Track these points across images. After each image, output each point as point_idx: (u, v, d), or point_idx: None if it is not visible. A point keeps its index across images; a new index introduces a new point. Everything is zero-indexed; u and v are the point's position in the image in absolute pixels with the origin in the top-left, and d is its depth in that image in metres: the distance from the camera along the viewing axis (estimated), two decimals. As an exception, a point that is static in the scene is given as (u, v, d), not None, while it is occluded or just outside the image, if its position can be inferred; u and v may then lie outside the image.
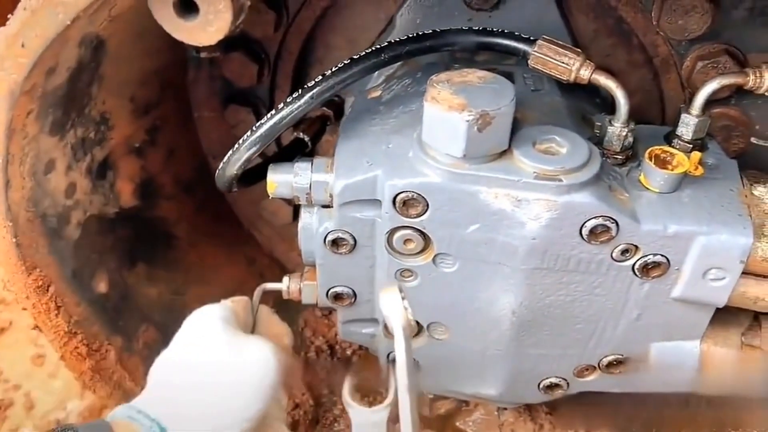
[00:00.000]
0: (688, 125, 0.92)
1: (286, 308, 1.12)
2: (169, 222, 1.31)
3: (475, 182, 0.82)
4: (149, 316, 1.22)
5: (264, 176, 0.97)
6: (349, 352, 1.50)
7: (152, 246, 1.26)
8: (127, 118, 1.11)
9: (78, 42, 0.79)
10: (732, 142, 1.08)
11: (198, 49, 0.81)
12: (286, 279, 1.08)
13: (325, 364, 1.50)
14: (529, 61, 0.89)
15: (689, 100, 0.93)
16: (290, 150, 1.05)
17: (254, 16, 1.10)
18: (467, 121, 0.77)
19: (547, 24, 1.08)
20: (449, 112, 0.78)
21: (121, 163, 1.14)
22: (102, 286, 1.12)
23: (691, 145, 0.93)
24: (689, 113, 0.92)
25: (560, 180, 0.80)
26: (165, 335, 1.24)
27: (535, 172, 0.81)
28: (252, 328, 1.01)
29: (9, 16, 0.71)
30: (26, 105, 0.77)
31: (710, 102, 0.93)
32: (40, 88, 0.78)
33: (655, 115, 1.14)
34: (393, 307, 0.75)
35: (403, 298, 0.76)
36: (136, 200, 1.21)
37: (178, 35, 0.70)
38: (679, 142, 0.93)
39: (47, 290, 0.99)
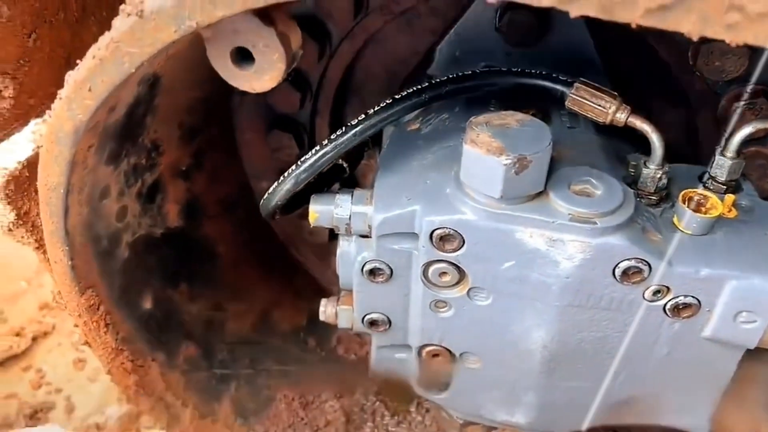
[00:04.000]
0: (722, 167, 0.93)
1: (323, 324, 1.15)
2: (211, 240, 1.36)
3: (511, 222, 0.85)
4: (190, 332, 1.27)
5: (305, 202, 1.01)
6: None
7: (195, 264, 1.31)
8: (176, 144, 1.16)
9: (137, 82, 0.84)
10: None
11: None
12: (323, 302, 1.12)
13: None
14: (566, 103, 0.92)
15: (724, 142, 0.95)
16: (329, 175, 1.09)
17: (299, 48, 1.15)
18: (505, 164, 0.80)
19: (584, 61, 1.10)
20: (488, 155, 0.81)
21: (169, 186, 1.19)
22: (147, 304, 1.17)
23: (725, 186, 0.94)
24: (724, 155, 0.93)
25: (594, 222, 0.82)
26: (204, 351, 1.29)
27: (570, 214, 0.83)
28: None
29: (78, 62, 0.76)
30: (88, 141, 0.82)
31: (746, 141, 0.94)
32: (101, 125, 0.83)
33: (689, 153, 1.15)
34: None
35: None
36: (181, 220, 1.26)
37: (234, 82, 0.75)
38: (713, 182, 0.94)
39: (98, 309, 1.04)
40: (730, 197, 0.91)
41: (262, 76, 0.73)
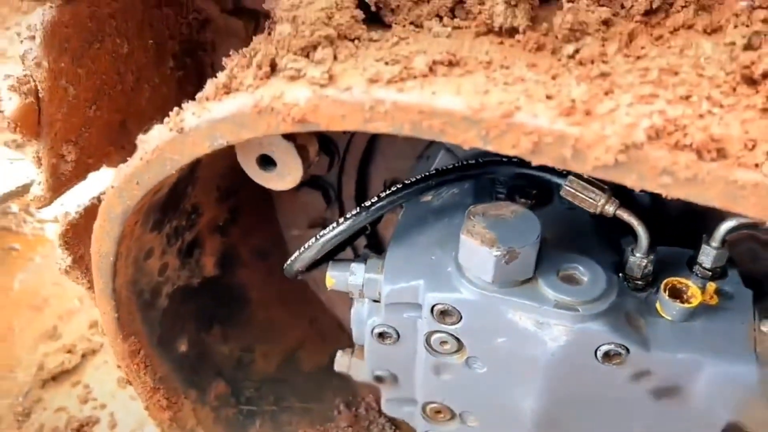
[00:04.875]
0: (708, 256, 1.00)
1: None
2: (244, 286, 1.49)
3: (503, 304, 0.94)
4: (221, 371, 1.39)
5: (325, 261, 1.13)
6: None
7: (228, 308, 1.44)
8: (213, 205, 1.29)
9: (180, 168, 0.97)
10: (759, 263, 1.15)
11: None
12: (340, 353, 1.23)
13: (374, 420, 1.64)
14: (561, 192, 1.00)
15: (710, 232, 1.02)
16: (356, 234, 1.20)
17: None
18: (495, 255, 0.89)
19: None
20: (481, 246, 0.90)
21: (206, 241, 1.32)
22: (183, 347, 1.30)
23: (710, 272, 1.01)
24: (709, 245, 1.00)
25: (577, 310, 0.91)
26: (233, 389, 1.42)
27: (555, 301, 0.92)
28: None
29: (128, 158, 0.89)
30: (134, 218, 0.95)
31: (732, 230, 1.00)
32: (146, 205, 0.96)
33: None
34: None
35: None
36: (217, 270, 1.39)
37: (259, 182, 0.87)
38: (700, 268, 1.01)
39: (138, 353, 1.17)
40: (711, 285, 0.98)
41: (283, 179, 0.84)
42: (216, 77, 0.82)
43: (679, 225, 1.13)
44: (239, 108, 0.73)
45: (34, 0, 0.95)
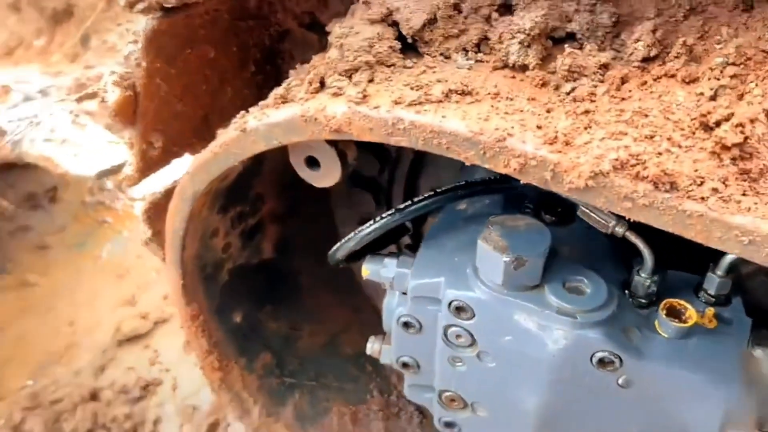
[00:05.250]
0: (712, 283, 1.07)
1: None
2: (296, 271, 1.65)
3: (510, 305, 1.05)
4: (269, 344, 1.56)
5: (368, 253, 1.27)
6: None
7: (280, 289, 1.61)
8: (275, 196, 1.46)
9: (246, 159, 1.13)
10: (770, 295, 1.20)
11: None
12: (372, 339, 1.37)
13: (404, 408, 1.77)
14: (577, 212, 1.10)
15: (716, 261, 1.09)
16: (394, 233, 1.34)
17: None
18: (505, 261, 1.01)
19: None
20: (494, 251, 1.02)
21: (267, 227, 1.49)
22: (237, 318, 1.47)
23: (714, 299, 1.08)
24: (714, 273, 1.07)
25: (575, 317, 1.01)
26: (278, 361, 1.58)
27: (558, 307, 1.02)
28: None
29: (201, 149, 1.06)
30: (203, 201, 1.12)
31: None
32: (214, 190, 1.13)
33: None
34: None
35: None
36: (274, 254, 1.55)
37: (305, 179, 1.02)
38: (704, 294, 1.09)
39: (198, 318, 1.35)
40: (710, 310, 1.05)
41: (325, 178, 0.99)
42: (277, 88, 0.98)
43: (693, 252, 1.20)
44: (291, 116, 0.88)
45: (140, 12, 1.14)
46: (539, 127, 0.73)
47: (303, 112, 0.86)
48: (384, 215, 1.17)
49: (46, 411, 2.17)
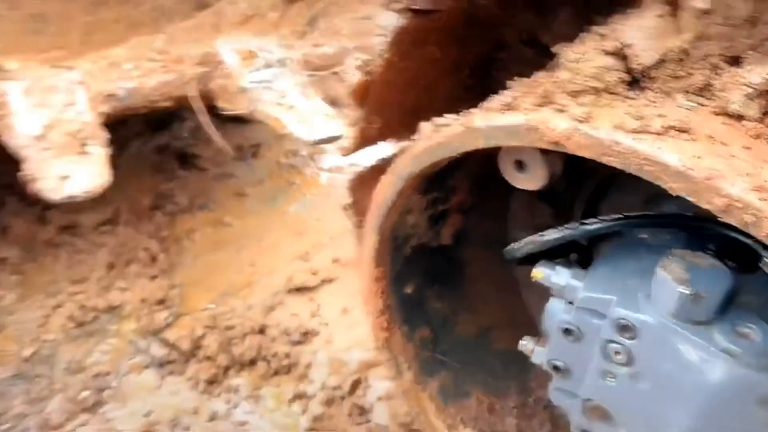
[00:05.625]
0: None
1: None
2: (466, 261, 1.79)
3: (677, 335, 1.11)
4: (429, 321, 1.71)
5: (540, 259, 1.38)
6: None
7: (449, 273, 1.75)
8: (465, 191, 1.60)
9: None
10: None
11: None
12: (526, 338, 1.47)
13: (537, 413, 1.85)
14: (760, 264, 1.13)
15: None
16: (570, 245, 1.43)
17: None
18: (682, 292, 1.07)
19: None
20: (672, 281, 1.08)
21: (451, 216, 1.64)
22: (409, 290, 1.64)
23: None
24: None
25: (741, 359, 1.05)
26: (434, 337, 1.73)
27: (724, 347, 1.07)
28: None
29: (412, 138, 1.22)
30: (412, 182, 1.30)
31: None
32: (423, 174, 1.30)
33: None
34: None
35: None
36: (450, 241, 1.70)
37: (509, 179, 1.14)
38: None
39: (381, 281, 1.53)
40: None
41: (532, 181, 1.12)
42: (499, 94, 1.11)
43: None
44: (515, 122, 1.01)
45: (394, 11, 1.33)
46: (749, 175, 0.79)
47: (527, 121, 0.99)
48: (568, 226, 1.27)
49: (221, 333, 2.50)
